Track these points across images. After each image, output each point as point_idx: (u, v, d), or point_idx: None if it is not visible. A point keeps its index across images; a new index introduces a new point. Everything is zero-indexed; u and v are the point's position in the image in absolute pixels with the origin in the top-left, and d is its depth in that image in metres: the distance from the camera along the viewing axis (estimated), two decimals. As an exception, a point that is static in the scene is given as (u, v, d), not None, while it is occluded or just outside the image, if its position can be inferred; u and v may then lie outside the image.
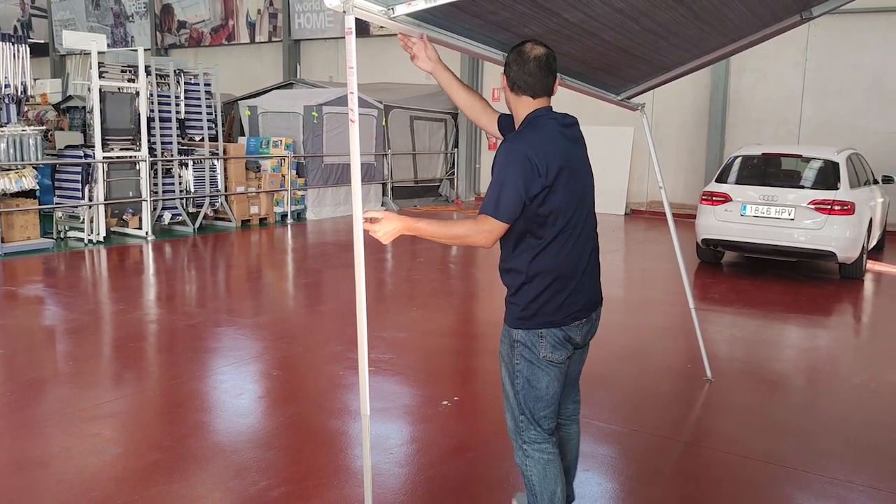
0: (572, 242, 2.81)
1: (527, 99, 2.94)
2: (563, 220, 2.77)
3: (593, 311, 2.96)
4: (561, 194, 2.75)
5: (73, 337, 6.38)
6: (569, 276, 2.82)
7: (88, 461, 3.97)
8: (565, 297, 2.82)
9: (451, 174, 17.67)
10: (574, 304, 2.85)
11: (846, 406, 5.11)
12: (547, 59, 2.87)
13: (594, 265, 2.96)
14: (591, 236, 2.93)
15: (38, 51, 24.12)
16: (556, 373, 2.86)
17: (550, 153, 2.75)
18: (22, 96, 10.08)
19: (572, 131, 2.97)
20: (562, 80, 4.45)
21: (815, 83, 13.77)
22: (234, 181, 12.66)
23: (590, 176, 2.98)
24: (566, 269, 2.81)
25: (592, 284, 2.95)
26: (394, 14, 2.85)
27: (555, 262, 2.79)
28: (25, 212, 9.90)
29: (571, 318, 2.84)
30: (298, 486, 3.72)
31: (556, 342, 2.83)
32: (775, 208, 8.86)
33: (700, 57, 4.87)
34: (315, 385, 5.31)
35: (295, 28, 20.17)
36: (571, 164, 2.83)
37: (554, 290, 2.80)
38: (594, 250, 2.96)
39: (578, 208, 2.84)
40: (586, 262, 2.88)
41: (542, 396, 2.87)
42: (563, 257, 2.80)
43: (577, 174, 2.86)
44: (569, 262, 2.82)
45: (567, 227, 2.79)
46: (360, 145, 2.85)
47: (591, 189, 2.95)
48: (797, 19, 4.58)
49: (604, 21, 3.70)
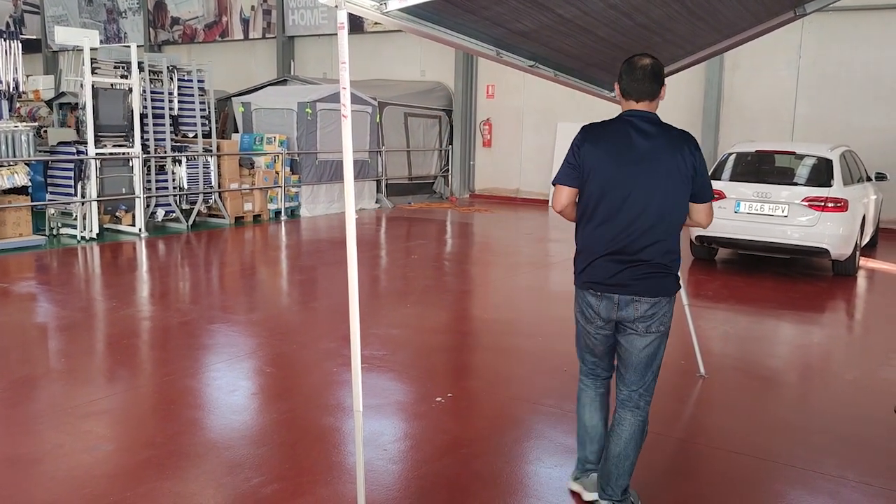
0: (594, 223, 3.22)
1: (630, 102, 3.27)
2: (593, 206, 3.21)
3: (616, 295, 3.21)
4: (596, 183, 3.20)
5: (66, 334, 6.36)
6: (592, 252, 3.25)
7: (81, 458, 3.95)
8: (584, 268, 3.29)
9: (445, 171, 17.66)
10: (592, 276, 3.25)
11: (839, 402, 5.13)
12: (653, 67, 3.23)
13: (625, 252, 3.17)
14: (624, 230, 3.16)
15: (31, 47, 24.01)
16: (584, 328, 3.41)
17: (595, 141, 3.24)
18: (14, 92, 10.04)
19: (641, 133, 3.20)
20: (556, 77, 4.45)
21: (809, 80, 13.81)
22: (228, 178, 12.63)
23: (646, 177, 3.15)
24: (588, 243, 3.26)
25: (614, 267, 3.20)
26: (386, 9, 2.84)
27: (583, 238, 3.30)
28: (18, 208, 9.86)
29: (588, 285, 3.28)
30: (292, 482, 3.72)
31: (582, 303, 3.35)
32: (769, 205, 8.88)
33: (694, 53, 4.88)
34: (308, 382, 5.30)
35: (289, 24, 20.12)
36: (614, 157, 3.18)
37: (580, 260, 3.31)
38: (629, 239, 3.16)
39: (608, 198, 3.17)
40: (609, 244, 3.19)
41: (578, 342, 3.54)
42: (589, 236, 3.26)
43: (622, 170, 3.16)
44: (592, 241, 3.24)
45: (591, 209, 3.22)
46: (355, 142, 2.85)
47: (638, 188, 3.15)
48: (790, 15, 4.59)
49: (597, 17, 3.69)
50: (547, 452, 4.18)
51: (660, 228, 3.15)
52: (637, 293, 3.17)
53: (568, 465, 3.94)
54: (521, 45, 3.94)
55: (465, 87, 17.26)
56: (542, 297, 8.28)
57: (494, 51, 3.84)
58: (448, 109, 17.55)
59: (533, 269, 9.53)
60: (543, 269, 9.64)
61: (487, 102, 17.45)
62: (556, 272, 9.47)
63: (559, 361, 5.71)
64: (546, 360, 5.77)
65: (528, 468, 4.00)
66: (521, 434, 4.40)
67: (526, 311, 7.60)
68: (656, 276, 3.17)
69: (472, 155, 17.79)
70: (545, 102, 16.55)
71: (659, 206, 3.13)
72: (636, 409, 3.31)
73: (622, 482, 3.31)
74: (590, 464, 3.59)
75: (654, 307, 3.18)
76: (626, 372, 3.31)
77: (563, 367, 5.59)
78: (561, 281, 9.06)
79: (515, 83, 16.82)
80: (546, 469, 3.98)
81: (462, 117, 17.37)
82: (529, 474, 3.93)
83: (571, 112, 16.20)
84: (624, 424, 3.30)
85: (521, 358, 5.90)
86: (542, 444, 4.28)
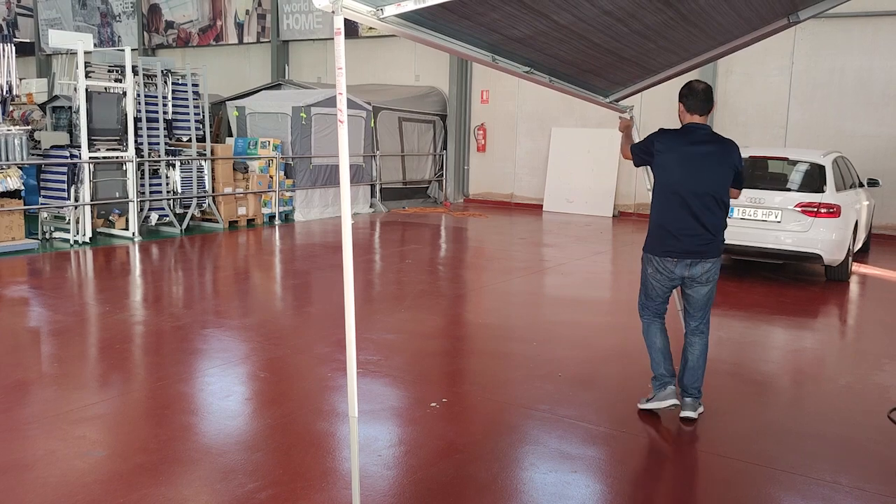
0: (669, 207, 4.46)
1: (695, 116, 4.52)
2: (664, 190, 4.48)
3: (689, 258, 4.47)
4: (665, 173, 4.47)
5: (59, 338, 6.33)
6: (665, 227, 4.49)
7: (74, 464, 3.93)
8: (660, 239, 4.53)
9: (439, 176, 17.68)
10: (669, 246, 4.49)
11: (832, 407, 5.14)
12: (706, 90, 4.48)
13: (694, 229, 4.43)
14: (691, 212, 4.42)
15: (24, 50, 23.96)
16: (653, 285, 4.67)
17: (668, 144, 4.49)
18: (7, 96, 10.00)
19: (701, 139, 4.48)
20: (552, 83, 4.46)
21: (802, 87, 13.88)
22: (222, 182, 12.61)
23: (706, 172, 4.42)
24: (663, 222, 4.50)
25: (688, 240, 4.45)
26: (383, 15, 2.84)
27: (656, 215, 4.56)
28: (10, 212, 9.82)
29: (665, 254, 4.51)
30: (286, 488, 3.71)
31: (658, 265, 4.58)
32: (762, 211, 8.91)
33: (688, 60, 4.90)
34: (303, 387, 5.29)
35: (283, 29, 20.13)
36: (684, 157, 4.43)
37: (655, 234, 4.57)
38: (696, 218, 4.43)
39: (679, 189, 4.41)
40: (682, 223, 4.44)
41: (644, 291, 4.78)
42: (660, 214, 4.51)
43: (688, 167, 4.41)
44: (664, 218, 4.49)
45: (665, 196, 4.48)
46: (349, 147, 2.85)
47: (700, 181, 4.40)
48: (784, 23, 4.62)
49: (592, 23, 3.71)
50: (541, 457, 4.18)
51: (713, 208, 4.43)
52: (703, 253, 4.46)
53: (562, 471, 3.95)
54: (516, 50, 3.95)
55: (459, 91, 17.29)
56: (536, 302, 8.29)
57: (490, 56, 3.85)
58: (442, 114, 17.57)
59: (527, 273, 9.54)
60: (538, 273, 9.65)
61: (482, 107, 17.48)
62: (550, 277, 9.48)
63: (554, 366, 5.72)
64: (540, 366, 5.77)
65: (523, 473, 4.00)
66: (515, 439, 4.40)
67: (520, 315, 7.61)
68: (714, 243, 4.46)
69: (467, 159, 17.81)
70: (539, 108, 16.59)
71: (712, 191, 4.41)
72: (702, 334, 4.72)
73: (698, 384, 4.73)
74: (666, 377, 4.73)
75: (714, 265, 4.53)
76: (695, 311, 4.68)
77: (558, 371, 5.60)
78: (555, 285, 9.07)
79: (510, 88, 16.85)
80: (541, 474, 3.98)
81: (456, 122, 17.40)
82: (524, 480, 3.93)
83: (565, 117, 16.24)
84: (696, 346, 4.72)
85: (516, 363, 5.90)
86: (537, 450, 4.28)
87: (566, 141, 16.24)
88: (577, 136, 16.06)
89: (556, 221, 14.85)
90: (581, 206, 15.94)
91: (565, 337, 6.73)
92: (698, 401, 4.75)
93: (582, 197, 15.95)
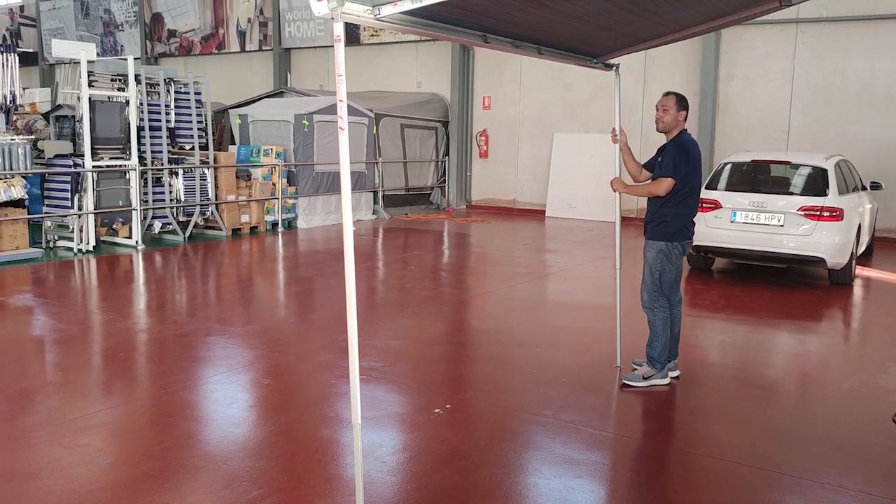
0: (694, 203, 5.37)
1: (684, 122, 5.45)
2: (694, 192, 5.34)
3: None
4: (697, 176, 5.32)
5: (63, 347, 6.34)
6: (690, 217, 5.36)
7: (78, 472, 3.94)
8: (686, 228, 5.36)
9: (441, 182, 17.69)
10: (690, 231, 5.39)
11: (837, 411, 5.13)
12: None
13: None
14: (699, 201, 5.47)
15: (28, 60, 24.06)
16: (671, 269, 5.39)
17: (694, 153, 5.34)
18: (11, 105, 10.05)
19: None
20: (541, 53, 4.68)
21: (804, 90, 13.87)
22: (225, 190, 12.63)
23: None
24: (690, 214, 5.35)
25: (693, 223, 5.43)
26: (380, 14, 2.92)
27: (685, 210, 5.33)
28: (14, 221, 9.84)
29: (687, 237, 5.38)
30: (290, 495, 3.71)
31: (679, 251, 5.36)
32: (765, 215, 8.91)
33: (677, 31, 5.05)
34: (306, 394, 5.29)
35: (285, 37, 20.19)
36: (700, 160, 5.40)
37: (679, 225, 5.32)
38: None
39: (698, 185, 5.37)
40: (696, 212, 5.41)
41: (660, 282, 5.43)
42: (689, 208, 5.34)
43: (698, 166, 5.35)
44: (692, 211, 5.35)
45: (694, 195, 5.34)
46: (351, 153, 2.88)
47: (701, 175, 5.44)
48: (776, 4, 4.62)
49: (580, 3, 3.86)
50: (545, 463, 4.17)
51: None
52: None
53: (566, 476, 3.95)
54: (506, 28, 4.04)
55: (461, 98, 17.31)
56: (539, 308, 8.28)
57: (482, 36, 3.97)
58: (444, 120, 17.59)
59: (530, 279, 9.54)
60: (540, 279, 9.64)
61: (483, 113, 17.49)
62: (553, 282, 9.47)
63: (557, 372, 5.71)
64: (544, 371, 5.76)
65: (527, 479, 3.99)
66: (519, 445, 4.39)
67: (523, 321, 7.60)
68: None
69: (469, 166, 17.81)
70: (541, 113, 16.60)
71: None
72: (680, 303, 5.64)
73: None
74: (672, 358, 5.52)
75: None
76: (678, 284, 5.54)
77: (562, 377, 5.59)
78: (558, 291, 9.06)
79: (511, 94, 16.88)
80: (545, 480, 3.97)
81: (458, 128, 17.41)
82: (528, 485, 3.92)
83: (567, 123, 16.25)
84: (680, 316, 5.59)
85: (519, 369, 5.90)
86: (541, 455, 4.28)
87: (568, 146, 16.24)
88: (579, 141, 16.05)
89: (558, 227, 14.84)
90: (583, 212, 15.93)
91: (568, 342, 6.73)
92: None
93: (584, 202, 15.95)
